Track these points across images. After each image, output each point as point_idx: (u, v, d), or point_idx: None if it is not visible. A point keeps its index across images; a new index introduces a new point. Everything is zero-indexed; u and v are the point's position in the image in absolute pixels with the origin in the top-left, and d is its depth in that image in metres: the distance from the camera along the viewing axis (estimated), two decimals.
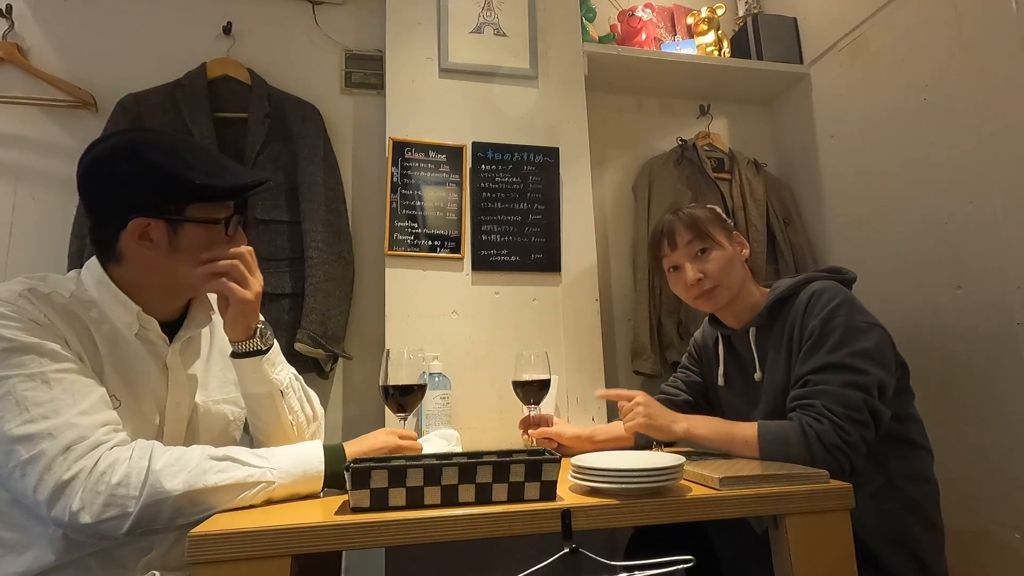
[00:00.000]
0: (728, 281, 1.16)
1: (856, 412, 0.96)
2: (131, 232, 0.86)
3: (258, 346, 0.95)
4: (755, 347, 1.16)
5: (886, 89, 1.66)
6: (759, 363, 1.16)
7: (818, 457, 0.93)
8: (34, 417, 0.75)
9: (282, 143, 1.66)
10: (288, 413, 0.99)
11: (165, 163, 0.87)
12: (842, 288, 1.10)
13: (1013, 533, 1.30)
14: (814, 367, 1.01)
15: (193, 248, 0.90)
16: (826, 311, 1.04)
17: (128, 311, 0.89)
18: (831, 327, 1.02)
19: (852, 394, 0.97)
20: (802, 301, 1.09)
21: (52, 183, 1.60)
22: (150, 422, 0.91)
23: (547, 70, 1.78)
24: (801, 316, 1.08)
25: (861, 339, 1.01)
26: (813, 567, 0.79)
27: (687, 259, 1.18)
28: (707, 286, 1.16)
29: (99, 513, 0.73)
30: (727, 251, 1.17)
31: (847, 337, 1.01)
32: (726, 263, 1.16)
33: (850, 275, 1.16)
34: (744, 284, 1.19)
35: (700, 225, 1.18)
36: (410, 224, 1.62)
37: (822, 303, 1.06)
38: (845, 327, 1.02)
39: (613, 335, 1.90)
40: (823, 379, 1.00)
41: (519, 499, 0.78)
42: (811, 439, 0.94)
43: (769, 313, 1.15)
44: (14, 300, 0.80)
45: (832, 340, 1.01)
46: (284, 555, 0.69)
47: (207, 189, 0.88)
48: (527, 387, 1.22)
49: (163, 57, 1.68)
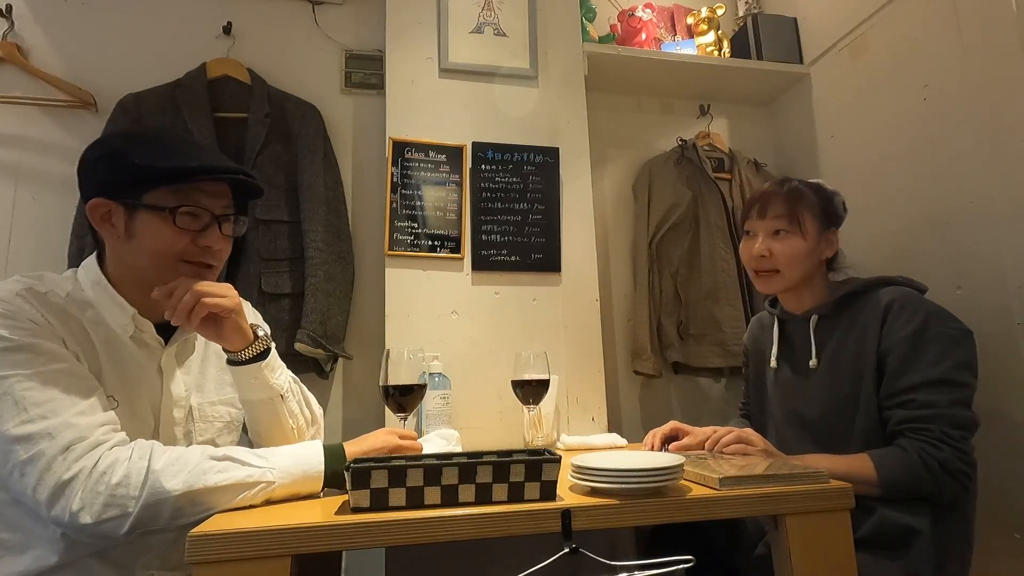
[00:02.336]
0: (791, 272, 1.14)
1: (969, 432, 0.97)
2: (92, 214, 0.88)
3: (260, 348, 0.94)
4: (814, 334, 1.14)
5: (886, 89, 1.65)
6: (816, 350, 1.13)
7: (946, 486, 0.93)
8: (32, 417, 0.75)
9: (282, 143, 1.66)
10: (288, 417, 0.98)
11: (124, 147, 0.88)
12: (923, 298, 1.08)
13: (1013, 533, 1.30)
14: (918, 382, 0.99)
15: (146, 235, 0.87)
16: (919, 320, 1.02)
17: (124, 313, 0.90)
18: (928, 337, 1.01)
19: (963, 413, 0.97)
20: (880, 302, 1.07)
21: (52, 183, 1.60)
22: (146, 424, 0.90)
23: (547, 70, 1.78)
24: (881, 317, 1.05)
25: (959, 350, 1.00)
26: (813, 567, 0.79)
27: (764, 232, 1.16)
28: (768, 267, 1.14)
29: (99, 513, 0.73)
30: (806, 243, 1.13)
31: (947, 349, 1.00)
32: (798, 253, 1.13)
33: (923, 287, 1.14)
34: (811, 278, 1.17)
35: (796, 204, 1.14)
36: (410, 224, 1.62)
37: (910, 311, 1.04)
38: (943, 337, 1.01)
39: (613, 335, 1.90)
40: (931, 400, 0.98)
41: (519, 499, 0.78)
42: (934, 470, 0.94)
43: (836, 305, 1.13)
44: (11, 299, 0.80)
45: (932, 352, 1.00)
46: (284, 555, 0.69)
47: (147, 170, 0.86)
48: (527, 387, 1.22)
49: (163, 57, 1.68)
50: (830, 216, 1.18)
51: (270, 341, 0.97)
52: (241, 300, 1.14)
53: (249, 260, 1.55)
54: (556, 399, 1.53)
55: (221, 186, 0.93)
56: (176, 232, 0.88)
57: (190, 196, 0.89)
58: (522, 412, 1.44)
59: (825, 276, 1.19)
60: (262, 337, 0.95)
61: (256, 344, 0.94)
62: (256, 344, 0.94)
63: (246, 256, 1.55)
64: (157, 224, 0.87)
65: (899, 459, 0.97)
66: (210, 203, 0.91)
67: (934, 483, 0.93)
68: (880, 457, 0.98)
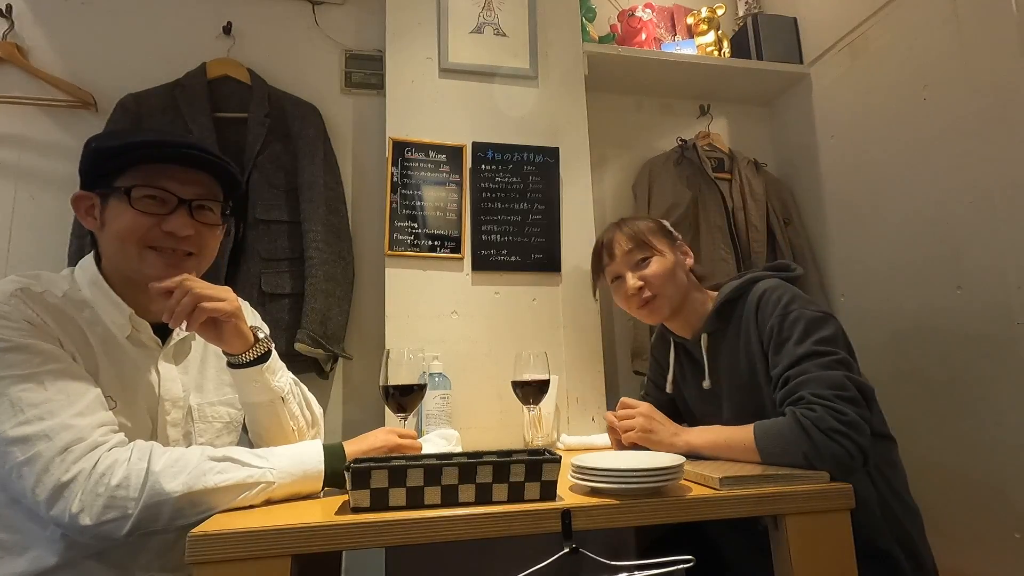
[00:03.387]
0: (668, 290, 1.17)
1: (843, 390, 0.94)
2: (76, 209, 0.90)
3: (260, 351, 0.93)
4: (706, 354, 1.16)
5: (886, 89, 1.66)
6: (708, 370, 1.16)
7: (821, 446, 0.90)
8: (29, 418, 0.75)
9: (282, 143, 1.66)
10: (289, 419, 0.98)
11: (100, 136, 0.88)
12: (788, 284, 1.10)
13: (1013, 533, 1.30)
14: (787, 364, 1.01)
15: (112, 221, 0.87)
16: (780, 307, 1.04)
17: (121, 313, 0.89)
18: (790, 321, 1.02)
19: (833, 374, 0.96)
20: (752, 301, 1.09)
21: (52, 183, 1.60)
22: (144, 425, 0.90)
23: (547, 70, 1.78)
24: (754, 315, 1.08)
25: (822, 328, 1.01)
26: (813, 567, 0.79)
27: (627, 268, 1.19)
28: (647, 295, 1.17)
29: (99, 515, 0.73)
30: (668, 259, 1.18)
31: (809, 327, 1.01)
32: (667, 271, 1.16)
33: (796, 271, 1.16)
34: (689, 292, 1.19)
35: (640, 235, 1.19)
36: (410, 224, 1.62)
37: (773, 301, 1.06)
38: (804, 319, 1.02)
39: (613, 335, 1.90)
40: (801, 369, 0.98)
41: (519, 499, 0.78)
42: (808, 429, 0.91)
43: (718, 317, 1.15)
44: (7, 300, 0.80)
45: (796, 333, 1.01)
46: (284, 555, 0.69)
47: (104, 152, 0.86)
48: (526, 387, 1.22)
49: (163, 57, 1.68)
50: (668, 232, 1.22)
51: (270, 343, 0.96)
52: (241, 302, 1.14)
53: (249, 260, 1.55)
54: (556, 399, 1.53)
55: (196, 172, 0.91)
56: (135, 215, 0.86)
57: (154, 179, 0.87)
58: (522, 412, 1.44)
59: (699, 290, 1.21)
60: (262, 340, 0.94)
61: (256, 347, 0.93)
62: (256, 347, 0.93)
63: (246, 256, 1.56)
64: (121, 208, 0.87)
65: (776, 423, 0.96)
66: (178, 188, 0.88)
67: (808, 442, 0.89)
68: (761, 423, 0.98)
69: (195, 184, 0.91)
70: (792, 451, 0.92)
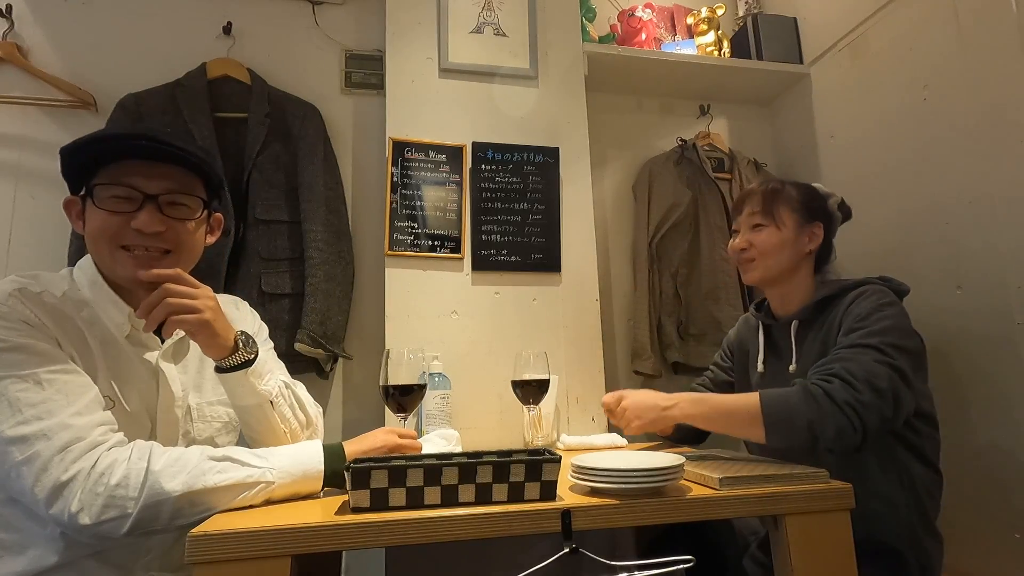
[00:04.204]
0: (769, 262, 1.17)
1: (877, 380, 0.90)
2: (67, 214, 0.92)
3: (244, 358, 0.91)
4: (795, 339, 1.15)
5: (886, 89, 1.65)
6: (796, 355, 1.14)
7: (827, 414, 0.87)
8: (27, 418, 0.75)
9: (282, 143, 1.66)
10: (280, 422, 0.97)
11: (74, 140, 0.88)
12: (893, 294, 1.08)
13: (1013, 533, 1.30)
14: (848, 344, 0.98)
15: (88, 222, 0.88)
16: (875, 304, 1.02)
17: (120, 312, 0.89)
18: (877, 317, 1.00)
19: (878, 367, 0.92)
20: (849, 298, 1.08)
21: (52, 183, 1.59)
22: (143, 424, 0.90)
23: (547, 70, 1.78)
24: (846, 309, 1.06)
25: (903, 338, 0.98)
26: (813, 567, 0.79)
27: (745, 226, 1.22)
28: (746, 256, 1.19)
29: (98, 514, 0.73)
30: (783, 234, 1.17)
31: (891, 330, 0.98)
32: (773, 243, 1.17)
33: (904, 287, 1.13)
34: (795, 273, 1.18)
35: (771, 202, 1.18)
36: (410, 224, 1.62)
37: (872, 299, 1.04)
38: (891, 321, 0.99)
39: (613, 335, 1.90)
40: (852, 354, 0.95)
41: (519, 499, 0.78)
42: (818, 396, 0.88)
43: (816, 308, 1.13)
44: (4, 300, 0.80)
45: (875, 327, 0.98)
46: (284, 555, 0.69)
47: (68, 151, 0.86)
48: (527, 387, 1.22)
49: (163, 57, 1.68)
50: (812, 211, 1.19)
51: (252, 351, 0.93)
52: (241, 303, 1.13)
53: (249, 260, 1.56)
54: (556, 399, 1.53)
55: (163, 166, 0.89)
56: (104, 216, 0.86)
57: (118, 176, 0.86)
58: (522, 412, 1.45)
59: (812, 276, 1.20)
60: (241, 349, 0.91)
61: (239, 355, 0.91)
62: (239, 355, 0.91)
63: (246, 256, 1.56)
64: (92, 209, 0.87)
65: (783, 391, 0.94)
66: (143, 183, 0.87)
67: (817, 411, 0.87)
68: (767, 391, 0.96)
69: (162, 178, 0.89)
70: (797, 419, 0.89)
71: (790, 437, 0.92)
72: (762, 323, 1.26)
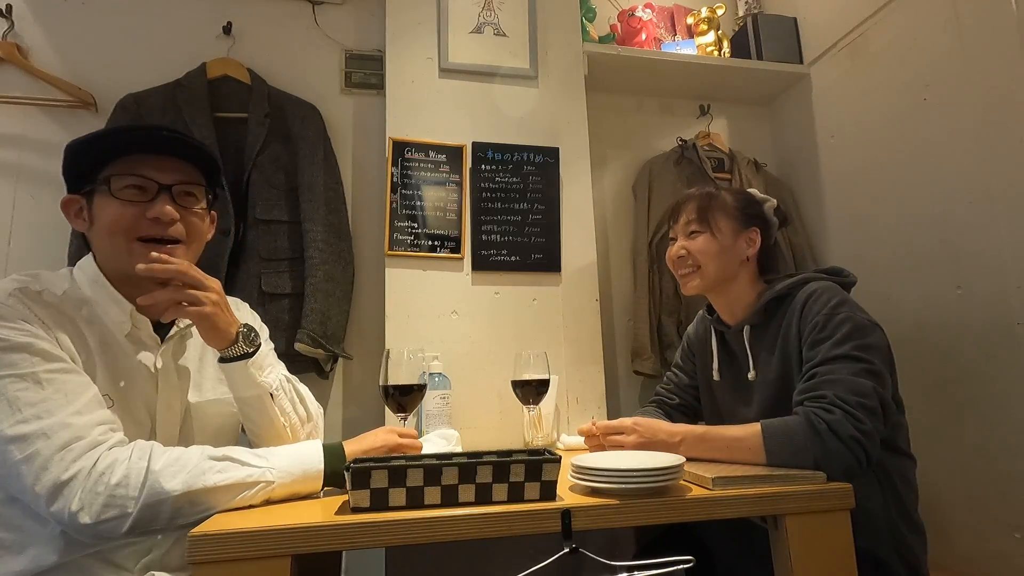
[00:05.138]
0: (709, 269, 1.16)
1: (868, 400, 0.92)
2: (66, 213, 0.92)
3: (243, 350, 0.92)
4: (749, 345, 1.15)
5: (886, 89, 1.66)
6: (752, 362, 1.14)
7: (833, 452, 0.88)
8: (27, 418, 0.75)
9: (282, 143, 1.66)
10: (280, 415, 0.98)
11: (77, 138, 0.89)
12: (841, 288, 1.09)
13: (1012, 533, 1.30)
14: (821, 359, 0.99)
15: (99, 216, 0.89)
16: (828, 307, 1.03)
17: (122, 310, 0.90)
18: (836, 321, 1.01)
19: (863, 382, 0.93)
20: (799, 300, 1.08)
21: (52, 183, 1.59)
22: (142, 423, 0.90)
23: (547, 70, 1.78)
24: (799, 314, 1.07)
25: (865, 335, 0.99)
26: (813, 567, 0.79)
27: (681, 235, 1.21)
28: (685, 266, 1.19)
29: (98, 514, 0.73)
30: (720, 241, 1.16)
31: (854, 331, 0.99)
32: (710, 250, 1.16)
33: (850, 278, 1.14)
34: (736, 279, 1.18)
35: (706, 208, 1.18)
36: (410, 224, 1.62)
37: (822, 301, 1.04)
38: (851, 322, 1.00)
39: (613, 335, 1.90)
40: (831, 369, 0.96)
41: (519, 499, 0.78)
42: (823, 432, 0.89)
43: (764, 311, 1.14)
44: (4, 300, 0.80)
45: (839, 334, 0.99)
46: (284, 555, 0.69)
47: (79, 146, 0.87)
48: (526, 387, 1.22)
49: (163, 57, 1.68)
50: (748, 217, 1.19)
51: (253, 344, 0.94)
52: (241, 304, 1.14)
53: (249, 260, 1.55)
54: (556, 399, 1.53)
55: (172, 159, 0.91)
56: (120, 205, 0.87)
57: (132, 168, 0.88)
58: (522, 412, 1.45)
59: (754, 282, 1.19)
60: (240, 342, 0.92)
61: (240, 346, 0.92)
62: (240, 346, 0.92)
63: (246, 256, 1.56)
64: (105, 202, 0.88)
65: (786, 424, 0.94)
66: (157, 174, 0.89)
67: (822, 448, 0.87)
68: (769, 423, 0.95)
69: (173, 170, 0.91)
70: (802, 455, 0.90)
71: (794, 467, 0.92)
72: (715, 329, 1.25)
